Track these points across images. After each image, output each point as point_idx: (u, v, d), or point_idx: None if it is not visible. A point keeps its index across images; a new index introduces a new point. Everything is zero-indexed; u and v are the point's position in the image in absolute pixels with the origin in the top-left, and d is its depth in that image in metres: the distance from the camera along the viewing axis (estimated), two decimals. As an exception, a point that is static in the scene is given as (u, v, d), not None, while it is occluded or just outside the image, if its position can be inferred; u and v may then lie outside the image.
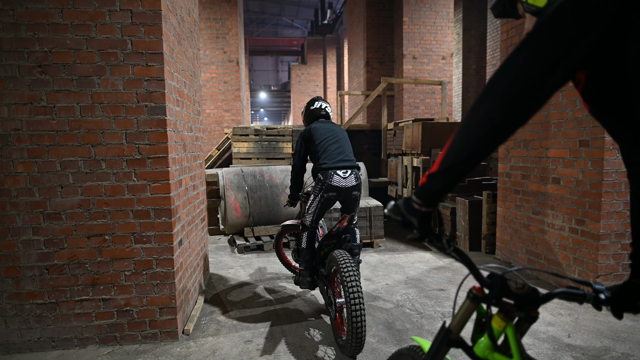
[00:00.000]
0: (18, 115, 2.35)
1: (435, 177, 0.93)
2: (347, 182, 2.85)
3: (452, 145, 0.92)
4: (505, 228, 4.25)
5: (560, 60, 0.82)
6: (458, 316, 1.06)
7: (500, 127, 0.87)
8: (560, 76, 0.83)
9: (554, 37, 0.82)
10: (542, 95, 0.84)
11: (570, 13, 0.81)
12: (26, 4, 2.29)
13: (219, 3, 9.04)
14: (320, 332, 2.75)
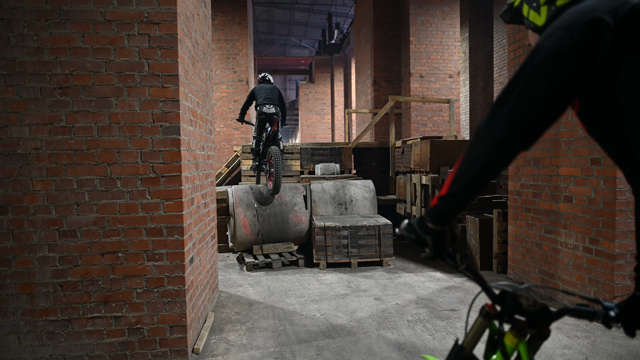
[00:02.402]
0: (38, 135, 2.43)
1: (446, 199, 0.99)
2: (270, 110, 5.42)
3: (460, 169, 0.97)
4: (517, 247, 4.20)
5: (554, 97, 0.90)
6: (471, 333, 1.07)
7: (505, 150, 0.93)
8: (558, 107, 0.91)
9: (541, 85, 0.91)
10: (543, 121, 0.92)
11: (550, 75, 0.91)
12: (50, 29, 2.40)
13: (229, 25, 9.28)
14: (330, 352, 2.73)
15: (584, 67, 0.90)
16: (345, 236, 4.84)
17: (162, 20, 2.46)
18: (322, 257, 4.84)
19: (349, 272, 4.70)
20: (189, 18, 2.83)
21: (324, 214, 5.48)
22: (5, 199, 2.43)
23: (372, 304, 3.61)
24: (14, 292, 2.46)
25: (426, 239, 1.02)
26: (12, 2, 2.36)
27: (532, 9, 1.14)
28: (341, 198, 5.59)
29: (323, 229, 4.83)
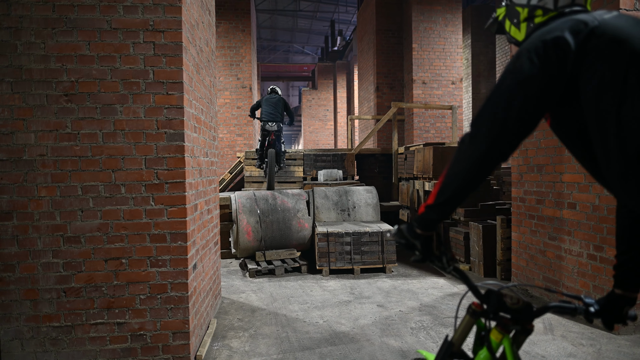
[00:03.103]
0: (44, 142, 2.45)
1: (432, 208, 1.09)
2: (272, 128, 6.26)
3: (445, 181, 1.06)
4: (521, 254, 4.18)
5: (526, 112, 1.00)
6: (459, 330, 1.15)
7: (486, 163, 1.03)
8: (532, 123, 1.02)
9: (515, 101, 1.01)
10: (518, 135, 1.02)
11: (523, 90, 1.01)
12: (56, 37, 2.43)
13: (233, 32, 9.36)
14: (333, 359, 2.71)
15: (551, 84, 0.99)
16: (348, 242, 4.84)
17: (167, 28, 2.48)
18: (325, 263, 4.83)
19: (352, 279, 4.68)
20: (194, 26, 2.86)
21: (326, 220, 5.48)
22: (11, 204, 2.44)
23: (375, 311, 3.59)
24: (17, 298, 2.47)
25: (415, 243, 1.11)
26: (20, 11, 2.40)
27: (513, 25, 1.25)
28: (344, 204, 5.59)
29: (326, 235, 4.82)
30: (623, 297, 1.14)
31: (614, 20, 1.01)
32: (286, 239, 5.26)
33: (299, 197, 5.48)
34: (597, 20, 1.01)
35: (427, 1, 8.97)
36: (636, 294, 1.13)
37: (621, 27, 0.98)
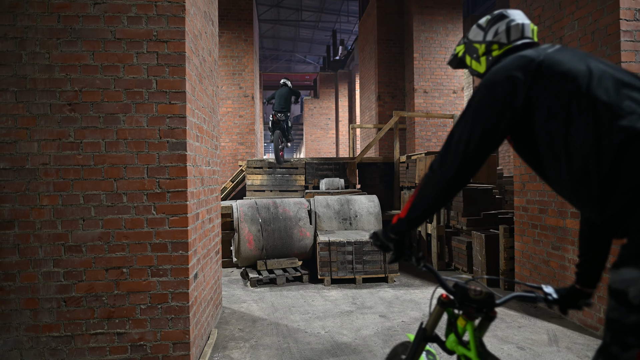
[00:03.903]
0: (47, 151, 2.46)
1: (404, 222, 1.26)
2: (280, 118, 7.35)
3: (416, 200, 1.23)
4: (524, 264, 4.15)
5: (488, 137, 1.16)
6: (431, 318, 1.34)
7: (454, 186, 1.18)
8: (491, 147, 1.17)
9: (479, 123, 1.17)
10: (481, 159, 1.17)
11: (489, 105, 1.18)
12: (61, 47, 2.45)
13: (236, 42, 9.45)
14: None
15: (506, 114, 1.14)
16: (350, 252, 4.81)
17: (171, 38, 2.51)
18: (327, 272, 4.80)
19: (354, 288, 4.65)
20: (197, 36, 2.89)
21: (328, 229, 5.46)
22: (12, 213, 2.44)
23: (378, 322, 3.56)
24: (17, 308, 2.45)
25: (389, 245, 1.30)
26: (25, 22, 2.43)
27: (473, 60, 1.42)
28: (346, 213, 5.58)
29: (327, 245, 4.80)
30: (581, 291, 1.31)
31: (557, 55, 1.15)
32: (288, 247, 5.24)
33: (301, 206, 5.47)
34: (542, 55, 1.15)
35: (428, 11, 9.04)
36: (592, 290, 1.31)
37: (563, 61, 1.12)
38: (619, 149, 0.97)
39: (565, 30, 3.54)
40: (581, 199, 1.06)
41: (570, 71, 1.09)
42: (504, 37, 1.35)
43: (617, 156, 0.97)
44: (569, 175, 1.07)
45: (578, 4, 3.39)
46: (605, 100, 1.02)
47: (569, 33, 3.50)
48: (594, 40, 3.24)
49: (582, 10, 3.35)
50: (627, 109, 1.00)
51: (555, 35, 3.67)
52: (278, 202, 5.48)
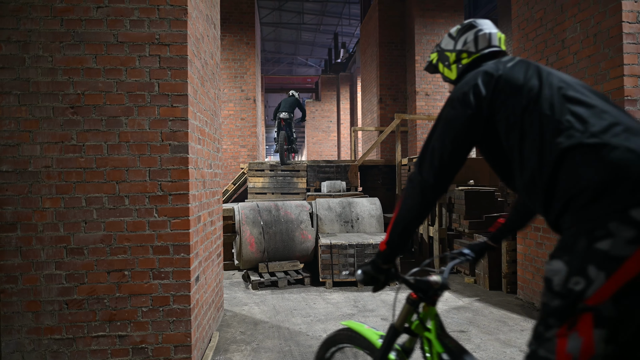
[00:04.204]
0: (49, 154, 2.46)
1: (390, 244, 1.33)
2: (285, 116, 8.08)
3: (397, 217, 1.30)
4: (527, 267, 4.13)
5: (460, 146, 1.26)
6: (400, 316, 1.45)
7: (432, 194, 1.27)
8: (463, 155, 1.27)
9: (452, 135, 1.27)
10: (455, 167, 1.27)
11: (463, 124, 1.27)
12: (64, 50, 2.46)
13: (238, 45, 9.48)
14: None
15: (472, 126, 1.24)
16: (352, 254, 4.80)
17: (173, 41, 2.52)
18: (329, 275, 4.79)
19: (356, 291, 4.63)
20: (199, 39, 2.90)
21: (330, 232, 5.46)
22: (15, 216, 2.45)
23: (380, 325, 3.54)
24: (19, 310, 2.46)
25: (379, 277, 1.36)
26: (29, 25, 2.44)
27: (445, 67, 1.51)
28: (347, 216, 5.57)
29: (329, 247, 4.80)
30: (492, 247, 1.63)
31: (514, 70, 1.24)
32: (289, 250, 5.23)
33: (302, 209, 5.47)
34: (501, 70, 1.25)
35: (429, 14, 9.06)
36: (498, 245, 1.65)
37: (518, 76, 1.21)
38: (554, 164, 1.08)
39: (567, 32, 3.54)
40: (533, 203, 1.19)
41: (523, 86, 1.19)
42: (472, 46, 1.44)
43: (555, 169, 1.09)
44: (522, 182, 1.19)
45: (580, 6, 3.39)
46: (548, 115, 1.12)
47: (571, 35, 3.50)
48: (596, 43, 3.24)
49: (584, 12, 3.35)
50: (566, 124, 1.09)
51: (557, 38, 3.67)
52: (280, 204, 5.47)
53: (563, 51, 3.60)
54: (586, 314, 0.99)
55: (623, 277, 0.96)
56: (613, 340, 0.99)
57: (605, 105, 1.13)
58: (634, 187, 0.97)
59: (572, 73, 3.49)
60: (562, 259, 1.04)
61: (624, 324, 0.99)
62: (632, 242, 0.95)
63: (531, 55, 4.03)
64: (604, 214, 0.99)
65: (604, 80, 3.16)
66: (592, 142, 1.04)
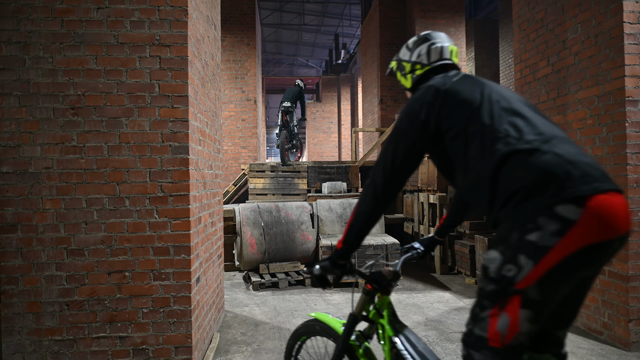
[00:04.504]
0: (50, 155, 2.46)
1: (346, 244, 1.44)
2: (285, 104, 8.03)
3: (353, 221, 1.42)
4: (528, 267, 4.12)
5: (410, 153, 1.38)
6: (358, 305, 1.61)
7: (384, 200, 1.39)
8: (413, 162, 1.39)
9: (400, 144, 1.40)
10: (406, 174, 1.39)
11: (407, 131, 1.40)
12: (64, 51, 2.46)
13: (238, 46, 9.48)
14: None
15: (423, 136, 1.37)
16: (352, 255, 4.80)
17: (173, 42, 2.52)
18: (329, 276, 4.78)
19: (357, 292, 4.62)
20: (199, 40, 2.90)
21: (330, 233, 5.45)
22: (15, 217, 2.45)
23: (380, 326, 3.54)
24: (20, 311, 2.46)
25: (336, 272, 1.48)
26: (29, 26, 2.44)
27: (402, 76, 1.65)
28: (348, 217, 5.56)
29: (330, 248, 4.79)
30: (438, 241, 1.85)
31: (458, 84, 1.37)
32: (290, 251, 5.23)
33: (303, 209, 5.47)
34: (448, 84, 1.38)
35: (430, 15, 9.06)
36: (443, 240, 1.87)
37: (462, 90, 1.35)
38: (495, 168, 1.21)
39: (569, 33, 3.53)
40: (476, 202, 1.32)
41: (466, 99, 1.32)
42: (425, 58, 1.58)
43: (495, 172, 1.21)
44: (466, 184, 1.33)
45: (581, 7, 3.38)
46: (488, 125, 1.26)
47: (572, 36, 3.50)
48: (597, 44, 3.23)
49: (586, 13, 3.34)
50: (503, 132, 1.23)
51: (558, 39, 3.66)
52: (280, 205, 5.47)
53: (564, 52, 3.59)
54: (515, 297, 1.15)
55: (547, 264, 1.11)
56: (536, 319, 1.15)
57: (538, 117, 1.28)
58: (559, 187, 1.11)
59: (574, 74, 3.48)
60: (498, 249, 1.19)
61: (545, 306, 1.15)
62: (556, 234, 1.10)
63: (532, 56, 4.02)
64: (534, 210, 1.13)
65: (605, 81, 3.16)
66: (525, 148, 1.18)
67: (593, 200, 1.09)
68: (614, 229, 1.10)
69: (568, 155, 1.16)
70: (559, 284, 1.13)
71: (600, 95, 3.21)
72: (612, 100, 3.10)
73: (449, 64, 1.59)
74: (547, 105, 3.82)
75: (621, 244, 1.16)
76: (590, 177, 1.13)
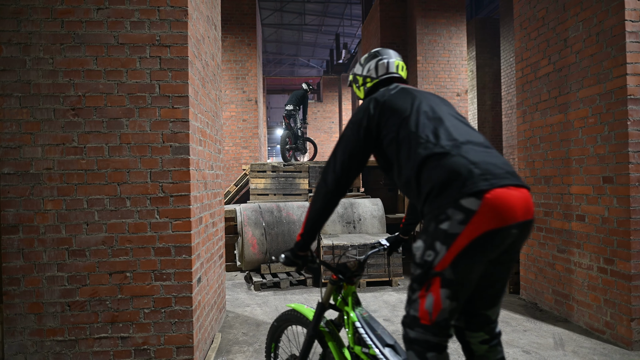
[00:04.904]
0: (50, 155, 2.47)
1: (304, 236, 1.62)
2: (287, 107, 8.25)
3: (309, 214, 1.60)
4: (529, 267, 4.11)
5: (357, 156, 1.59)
6: (326, 294, 1.79)
7: (334, 198, 1.57)
8: (359, 163, 1.59)
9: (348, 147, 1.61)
10: (352, 175, 1.59)
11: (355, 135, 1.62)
12: (65, 52, 2.47)
13: (239, 46, 9.48)
14: (339, 375, 2.65)
15: (366, 141, 1.58)
16: (354, 255, 4.79)
17: (173, 43, 2.52)
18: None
19: (358, 292, 4.62)
20: (200, 41, 2.90)
21: (332, 233, 5.44)
22: (17, 218, 2.45)
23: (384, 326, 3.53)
24: (22, 312, 2.46)
25: (297, 262, 1.65)
26: (30, 27, 2.44)
27: (357, 88, 1.90)
28: (349, 217, 5.56)
29: (331, 248, 4.78)
30: (403, 239, 2.08)
31: (394, 96, 1.59)
32: (291, 251, 5.22)
33: (304, 210, 5.46)
34: (386, 96, 1.60)
35: (431, 14, 9.04)
36: (408, 238, 2.13)
37: (396, 101, 1.57)
38: (418, 168, 1.43)
39: (570, 31, 3.52)
40: (411, 198, 1.53)
41: (398, 109, 1.54)
42: (373, 72, 1.81)
43: (418, 172, 1.43)
44: (401, 183, 1.53)
45: (582, 5, 3.37)
46: (414, 132, 1.47)
47: (573, 34, 3.48)
48: (598, 42, 3.22)
49: (587, 11, 3.33)
50: (424, 138, 1.44)
51: (559, 37, 3.65)
52: (281, 205, 5.47)
53: (565, 50, 3.58)
54: (436, 278, 1.36)
55: (457, 248, 1.32)
56: (454, 297, 1.36)
57: (459, 125, 1.50)
58: (463, 183, 1.32)
59: (575, 72, 3.47)
60: (421, 238, 1.41)
61: (461, 284, 1.35)
62: (461, 222, 1.31)
63: (533, 54, 4.01)
64: (445, 203, 1.34)
65: (607, 80, 3.14)
66: (439, 151, 1.40)
67: (490, 193, 1.30)
68: (508, 217, 1.30)
69: (473, 157, 1.37)
70: (470, 265, 1.33)
71: (602, 93, 3.20)
72: (614, 99, 3.08)
73: (395, 76, 1.81)
74: (549, 104, 3.81)
75: (522, 230, 1.35)
76: (491, 174, 1.33)
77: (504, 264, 1.44)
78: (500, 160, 1.40)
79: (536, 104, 4.00)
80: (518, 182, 1.35)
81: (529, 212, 1.36)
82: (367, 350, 1.62)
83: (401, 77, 1.83)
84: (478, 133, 1.53)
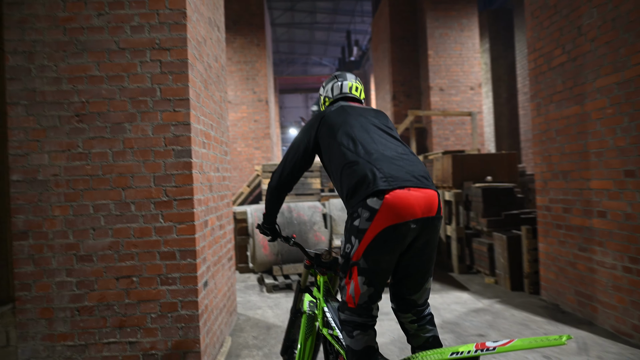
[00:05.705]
0: (57, 162, 2.49)
1: (266, 216, 2.08)
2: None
3: (266, 202, 2.05)
4: (549, 266, 3.96)
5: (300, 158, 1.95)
6: (303, 277, 2.15)
7: (280, 193, 2.01)
8: (303, 166, 1.96)
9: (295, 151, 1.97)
10: (297, 174, 1.98)
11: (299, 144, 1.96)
12: (68, 59, 2.48)
13: (248, 47, 9.50)
14: (349, 380, 2.60)
15: (309, 148, 1.91)
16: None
17: (173, 46, 2.50)
18: (343, 277, 4.72)
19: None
20: (200, 43, 2.88)
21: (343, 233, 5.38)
22: (26, 224, 2.48)
23: (394, 328, 3.45)
24: (34, 317, 2.49)
25: (267, 232, 2.10)
26: (33, 35, 2.47)
27: (322, 106, 2.20)
28: (361, 216, 5.47)
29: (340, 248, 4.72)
30: None
31: (332, 113, 1.90)
32: (303, 252, 5.18)
33: (315, 210, 5.42)
34: (326, 113, 1.91)
35: (441, 7, 8.86)
36: None
37: (332, 117, 1.87)
38: (340, 174, 1.73)
39: (584, 18, 3.36)
40: (341, 196, 1.76)
41: (332, 124, 1.84)
42: (330, 93, 2.13)
43: (341, 177, 1.73)
44: (335, 185, 1.81)
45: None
46: (340, 143, 1.76)
47: (587, 22, 3.33)
48: (614, 28, 3.06)
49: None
50: (345, 147, 1.74)
51: (573, 25, 3.50)
52: (292, 206, 5.44)
53: (580, 38, 3.42)
54: (354, 267, 1.62)
55: (366, 241, 1.57)
56: (369, 283, 1.61)
57: (377, 137, 1.76)
58: (368, 186, 1.59)
59: (590, 61, 3.31)
60: (344, 233, 1.68)
61: (373, 272, 1.60)
62: (368, 219, 1.57)
63: (546, 44, 3.86)
64: (356, 203, 1.62)
65: (625, 68, 2.99)
66: (353, 159, 1.69)
67: (390, 194, 1.55)
68: (406, 214, 1.53)
69: (381, 164, 1.63)
70: (377, 255, 1.58)
71: (620, 82, 3.05)
72: (633, 88, 2.93)
73: (348, 96, 2.10)
74: (564, 96, 3.66)
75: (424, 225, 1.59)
76: (393, 177, 1.59)
77: (418, 257, 1.66)
78: (412, 167, 1.65)
79: (551, 96, 3.84)
80: (421, 184, 1.60)
81: (431, 210, 1.61)
82: (332, 332, 1.87)
83: (355, 97, 2.11)
84: (399, 143, 1.80)
